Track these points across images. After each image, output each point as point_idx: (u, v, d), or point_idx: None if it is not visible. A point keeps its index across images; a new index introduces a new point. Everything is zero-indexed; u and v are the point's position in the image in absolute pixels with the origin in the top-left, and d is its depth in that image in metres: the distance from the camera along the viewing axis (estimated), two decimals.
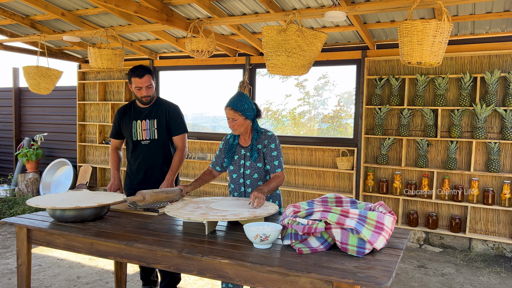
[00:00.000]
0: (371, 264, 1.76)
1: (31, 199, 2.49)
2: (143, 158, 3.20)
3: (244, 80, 5.80)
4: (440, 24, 2.75)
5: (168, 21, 4.27)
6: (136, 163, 3.23)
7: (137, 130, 3.20)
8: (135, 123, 3.21)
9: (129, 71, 3.10)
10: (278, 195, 2.82)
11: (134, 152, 3.23)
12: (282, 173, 2.67)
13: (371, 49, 5.14)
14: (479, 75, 4.60)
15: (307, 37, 3.20)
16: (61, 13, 4.95)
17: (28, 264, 2.41)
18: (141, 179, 3.22)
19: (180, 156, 3.20)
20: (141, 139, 3.20)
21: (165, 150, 3.23)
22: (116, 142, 3.36)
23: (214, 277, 1.92)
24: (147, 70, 3.11)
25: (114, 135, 3.35)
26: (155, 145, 3.20)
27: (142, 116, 3.20)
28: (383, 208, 2.07)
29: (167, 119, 3.21)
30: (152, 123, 3.19)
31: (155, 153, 3.19)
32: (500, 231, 4.71)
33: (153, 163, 3.19)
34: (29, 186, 7.07)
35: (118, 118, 3.29)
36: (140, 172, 3.22)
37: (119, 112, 3.31)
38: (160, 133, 3.19)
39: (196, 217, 2.11)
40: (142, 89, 3.09)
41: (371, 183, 5.20)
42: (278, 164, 2.66)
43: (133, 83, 3.09)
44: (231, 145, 2.76)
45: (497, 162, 4.57)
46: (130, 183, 3.28)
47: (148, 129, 3.19)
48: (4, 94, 8.22)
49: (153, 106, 3.22)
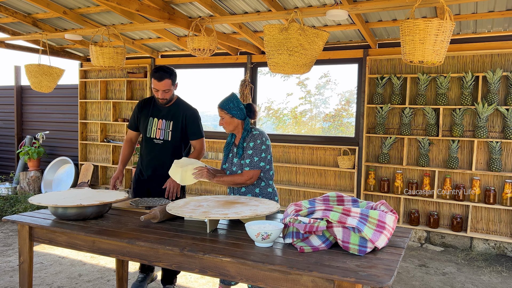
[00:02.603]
0: (373, 262, 1.76)
1: (33, 197, 2.50)
2: (154, 156, 3.23)
3: (246, 78, 5.80)
4: (442, 23, 2.75)
5: (170, 19, 4.27)
6: (146, 158, 3.26)
7: (152, 128, 3.20)
8: (151, 120, 3.21)
9: (152, 70, 3.12)
10: (270, 193, 2.82)
11: (147, 148, 3.26)
12: (249, 172, 2.68)
13: (373, 48, 5.14)
14: (481, 74, 4.60)
15: (308, 36, 3.20)
16: (63, 11, 4.95)
17: (30, 261, 2.42)
18: (149, 176, 3.26)
19: (196, 156, 3.22)
20: (154, 137, 3.21)
21: (177, 151, 3.24)
22: (132, 133, 3.38)
23: (215, 275, 1.92)
24: (169, 74, 3.07)
25: (131, 126, 3.36)
26: (167, 145, 3.21)
27: (160, 115, 3.21)
28: (384, 207, 2.07)
29: (184, 123, 3.20)
30: (168, 125, 3.19)
31: (166, 153, 3.21)
32: (502, 230, 4.70)
33: (163, 161, 3.20)
34: (30, 184, 7.08)
35: (137, 110, 3.30)
36: (149, 169, 3.25)
37: (139, 104, 3.31)
38: (174, 135, 3.20)
39: (198, 216, 2.11)
40: (159, 91, 3.09)
41: (372, 182, 5.20)
42: (248, 163, 2.69)
43: (152, 83, 3.10)
44: (228, 143, 2.87)
45: (499, 161, 4.57)
46: (139, 176, 3.32)
47: (163, 129, 3.19)
48: (6, 92, 8.23)
49: (172, 107, 3.22)
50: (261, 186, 2.78)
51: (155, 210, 2.37)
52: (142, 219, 2.30)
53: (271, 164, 2.81)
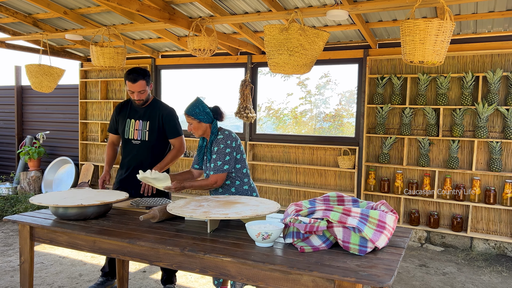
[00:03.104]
0: (373, 262, 1.76)
1: (33, 197, 2.50)
2: (132, 156, 3.27)
3: (246, 78, 5.81)
4: (443, 23, 2.75)
5: (170, 19, 4.28)
6: (126, 159, 3.31)
7: (129, 129, 3.26)
8: (129, 122, 3.27)
9: (126, 72, 3.13)
10: (246, 191, 2.84)
11: (126, 149, 3.32)
12: (214, 176, 2.70)
13: (373, 48, 5.14)
14: (481, 74, 4.60)
15: (309, 36, 3.20)
16: (64, 12, 4.95)
17: (30, 261, 2.42)
18: (126, 176, 3.28)
19: (174, 154, 3.28)
20: (132, 138, 3.26)
21: (155, 151, 3.28)
22: (114, 137, 3.43)
23: (216, 275, 1.93)
24: (142, 75, 3.11)
25: (111, 130, 3.42)
26: (145, 146, 3.25)
27: (137, 115, 3.27)
28: (385, 207, 2.07)
29: (161, 123, 3.26)
30: (145, 125, 3.24)
31: (144, 154, 3.26)
32: (502, 230, 4.71)
33: (141, 162, 3.25)
34: (31, 184, 7.09)
35: (116, 113, 3.36)
36: (128, 169, 3.28)
37: (117, 108, 3.38)
38: (151, 135, 3.24)
39: (199, 215, 2.12)
40: (134, 93, 3.13)
41: (372, 182, 5.20)
42: (212, 167, 2.71)
43: (126, 86, 3.14)
44: (200, 147, 2.91)
45: (499, 161, 4.57)
46: (119, 176, 3.35)
47: (140, 130, 3.24)
48: (7, 92, 8.23)
49: (148, 108, 3.27)
50: (236, 185, 2.82)
51: (154, 209, 2.38)
52: (141, 219, 2.31)
53: (242, 162, 2.82)
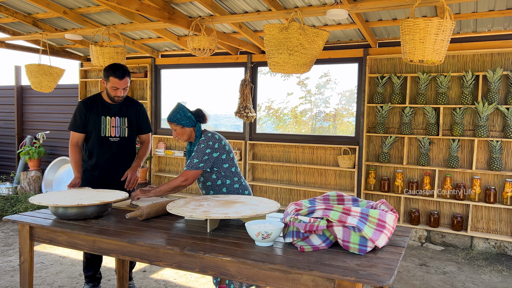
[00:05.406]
0: (373, 262, 1.76)
1: (33, 196, 2.50)
2: (112, 154, 3.22)
3: (246, 78, 5.80)
4: (443, 22, 2.75)
5: (170, 19, 4.27)
6: (103, 157, 3.20)
7: (106, 126, 3.20)
8: (104, 119, 3.19)
9: (109, 69, 3.05)
10: (237, 189, 2.83)
11: (102, 148, 3.19)
12: (187, 172, 2.68)
13: (373, 47, 5.14)
14: (481, 73, 4.59)
15: (309, 35, 3.20)
16: (63, 11, 4.95)
17: (30, 261, 2.42)
18: (108, 174, 3.21)
19: (145, 151, 3.36)
20: (109, 135, 3.21)
21: (132, 147, 3.33)
22: (80, 136, 3.19)
23: (216, 274, 1.92)
24: (127, 72, 3.12)
25: (79, 128, 3.17)
26: (124, 142, 3.26)
27: (112, 112, 3.21)
28: (385, 206, 2.07)
29: (139, 118, 3.30)
30: (123, 121, 3.24)
31: (124, 150, 3.26)
32: (502, 230, 4.70)
33: (121, 159, 3.25)
34: (31, 184, 7.09)
35: (85, 111, 3.16)
36: (108, 168, 3.20)
37: (85, 105, 3.17)
38: (131, 131, 3.27)
39: (198, 215, 2.11)
40: (119, 89, 3.10)
41: (372, 181, 5.20)
42: (188, 164, 2.71)
43: (110, 82, 3.07)
44: (188, 151, 2.91)
45: (499, 160, 4.57)
46: (90, 178, 3.20)
47: (118, 127, 3.22)
48: (6, 92, 8.23)
49: (123, 104, 3.25)
50: (227, 185, 2.82)
51: (141, 207, 2.39)
52: (127, 217, 2.33)
53: (230, 161, 2.81)
